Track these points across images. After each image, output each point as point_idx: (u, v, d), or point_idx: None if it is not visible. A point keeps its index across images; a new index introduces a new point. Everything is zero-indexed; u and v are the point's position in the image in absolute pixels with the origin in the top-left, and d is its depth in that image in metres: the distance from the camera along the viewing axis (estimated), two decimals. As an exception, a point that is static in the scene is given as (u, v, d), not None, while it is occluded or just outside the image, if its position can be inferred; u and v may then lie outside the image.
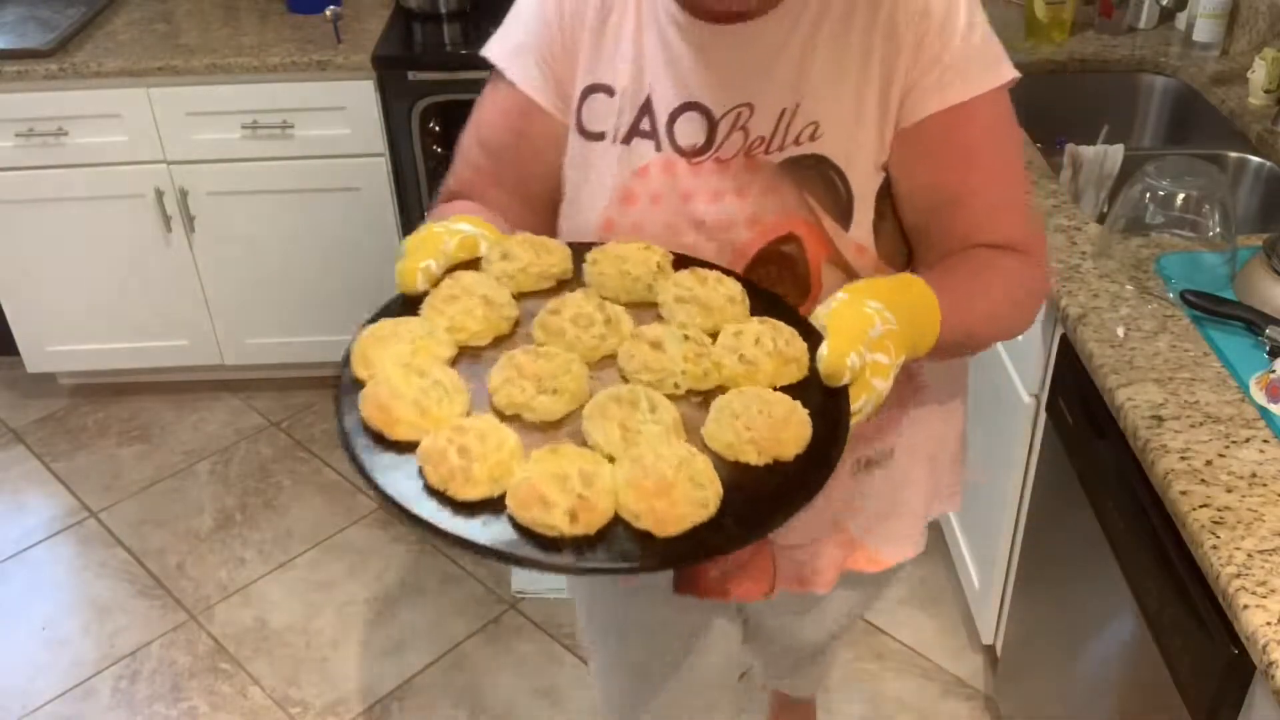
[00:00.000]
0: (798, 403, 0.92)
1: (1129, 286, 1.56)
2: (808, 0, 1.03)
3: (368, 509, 2.67)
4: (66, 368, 3.00)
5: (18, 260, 2.78)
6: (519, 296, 1.06)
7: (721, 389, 0.96)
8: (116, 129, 2.60)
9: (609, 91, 1.09)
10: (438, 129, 2.66)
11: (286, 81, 2.55)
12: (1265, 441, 1.28)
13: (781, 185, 1.05)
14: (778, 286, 1.07)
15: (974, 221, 1.05)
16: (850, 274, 1.06)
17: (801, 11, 1.03)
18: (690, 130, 1.06)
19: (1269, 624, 1.06)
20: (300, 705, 2.21)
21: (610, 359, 1.00)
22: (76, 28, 2.65)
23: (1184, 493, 1.21)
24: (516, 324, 1.04)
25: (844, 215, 1.05)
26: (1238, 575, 1.11)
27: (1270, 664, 1.03)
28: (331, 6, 2.59)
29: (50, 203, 2.69)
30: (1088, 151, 1.97)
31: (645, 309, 1.05)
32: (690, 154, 1.06)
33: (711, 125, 1.06)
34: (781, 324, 0.99)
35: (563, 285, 1.09)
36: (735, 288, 1.04)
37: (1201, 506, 1.19)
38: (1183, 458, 1.26)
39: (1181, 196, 1.61)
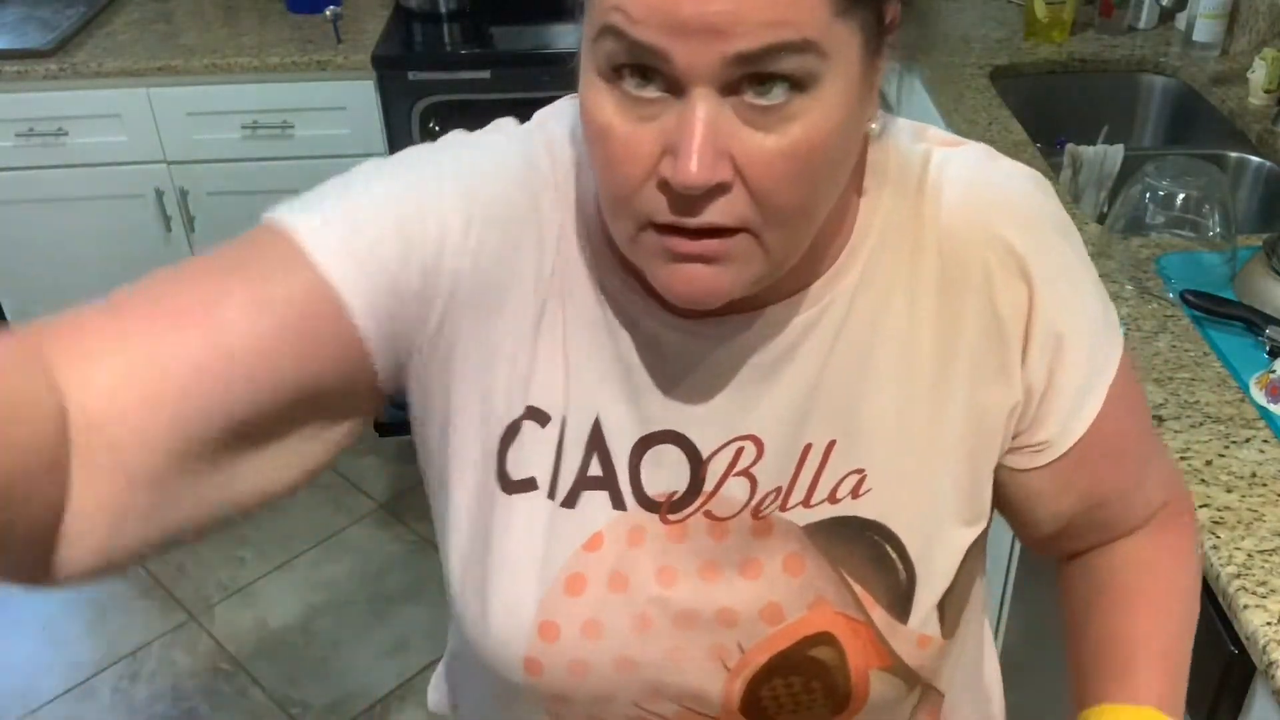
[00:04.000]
0: None
1: (1129, 286, 1.56)
2: (838, 284, 0.69)
3: (368, 509, 2.67)
4: (66, 368, 3.00)
5: (18, 260, 2.78)
6: None
7: None
8: (116, 129, 2.60)
9: (541, 419, 0.71)
10: (438, 129, 2.66)
11: (286, 81, 2.55)
12: (1265, 441, 1.28)
13: (809, 560, 0.71)
14: (801, 704, 0.74)
15: (1128, 510, 0.83)
16: (906, 675, 0.75)
17: (831, 299, 0.69)
18: (663, 472, 0.70)
19: (1269, 624, 1.06)
20: (300, 705, 2.21)
21: None
22: (76, 28, 2.65)
23: (1184, 493, 1.21)
24: None
25: (901, 603, 0.72)
26: (1238, 575, 1.11)
27: (1270, 664, 1.03)
28: (331, 6, 2.58)
29: (50, 203, 2.69)
30: (1088, 151, 1.97)
31: None
32: (665, 508, 0.71)
33: (697, 465, 0.70)
34: None
35: None
36: None
37: (1201, 506, 1.19)
38: (1183, 458, 1.26)
39: (1181, 196, 1.61)
